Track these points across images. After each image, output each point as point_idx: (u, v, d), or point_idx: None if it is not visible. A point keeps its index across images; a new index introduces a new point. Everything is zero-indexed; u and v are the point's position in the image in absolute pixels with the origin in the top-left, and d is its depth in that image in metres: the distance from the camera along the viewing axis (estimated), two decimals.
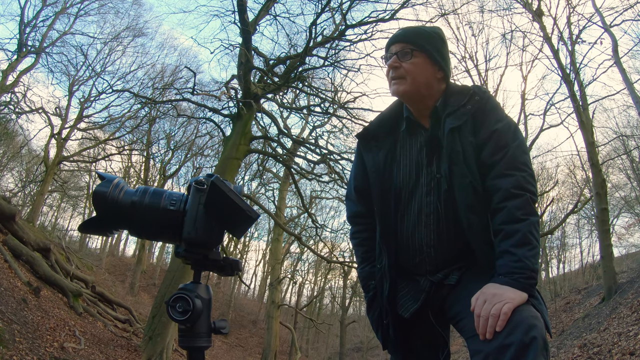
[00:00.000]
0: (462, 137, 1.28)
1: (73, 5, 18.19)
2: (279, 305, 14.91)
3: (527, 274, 1.15)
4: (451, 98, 1.35)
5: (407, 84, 1.35)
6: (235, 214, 0.83)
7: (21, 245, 8.31)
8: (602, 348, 5.90)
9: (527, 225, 1.19)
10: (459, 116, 1.30)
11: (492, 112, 1.31)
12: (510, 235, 1.19)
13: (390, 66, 1.36)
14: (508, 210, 1.21)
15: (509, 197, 1.22)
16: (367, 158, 1.44)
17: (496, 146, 1.26)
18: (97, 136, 20.19)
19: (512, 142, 1.27)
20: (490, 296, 1.11)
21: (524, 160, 1.26)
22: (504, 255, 1.19)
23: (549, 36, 11.27)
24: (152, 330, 6.94)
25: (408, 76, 1.34)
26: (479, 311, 1.11)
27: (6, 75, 15.58)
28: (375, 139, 1.44)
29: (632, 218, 21.23)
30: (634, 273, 11.34)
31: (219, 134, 14.86)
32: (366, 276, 1.46)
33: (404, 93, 1.36)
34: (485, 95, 1.34)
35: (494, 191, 1.24)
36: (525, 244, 1.17)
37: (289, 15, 10.05)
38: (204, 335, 0.85)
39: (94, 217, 0.85)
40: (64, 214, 29.39)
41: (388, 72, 1.38)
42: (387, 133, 1.44)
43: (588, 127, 10.29)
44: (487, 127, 1.29)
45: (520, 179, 1.23)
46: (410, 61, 1.34)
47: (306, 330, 27.52)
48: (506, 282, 1.14)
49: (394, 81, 1.36)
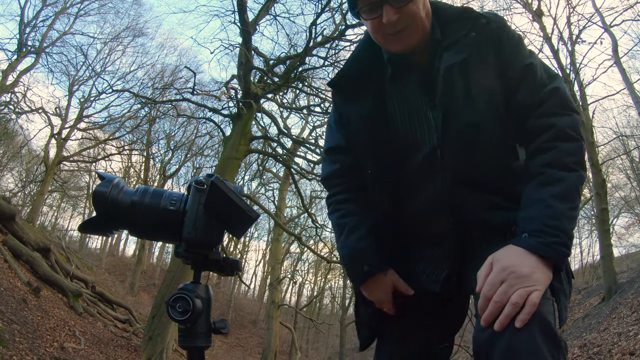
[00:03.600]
0: (466, 76, 0.99)
1: (73, 5, 18.23)
2: (279, 305, 14.91)
3: (562, 240, 0.86)
4: (448, 24, 1.04)
5: (417, 30, 1.00)
6: (235, 214, 0.83)
7: (21, 245, 8.31)
8: (602, 348, 5.90)
9: (577, 178, 0.92)
10: (460, 49, 0.99)
11: (519, 44, 1.03)
12: (551, 182, 0.91)
13: (388, 23, 0.97)
14: (558, 152, 0.94)
15: (563, 137, 0.95)
16: (351, 110, 1.13)
17: (537, 83, 1.00)
18: (97, 136, 20.21)
19: (554, 80, 1.02)
20: (511, 275, 0.82)
21: (573, 103, 1.02)
22: (535, 205, 0.90)
23: (549, 36, 11.27)
24: (152, 330, 6.94)
25: (414, 21, 0.99)
26: (491, 293, 0.83)
27: (6, 75, 15.59)
28: (356, 85, 1.11)
29: (632, 218, 21.24)
30: (634, 273, 11.34)
31: (219, 134, 14.89)
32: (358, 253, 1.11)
33: (417, 42, 1.03)
34: (502, 21, 1.03)
35: (542, 130, 0.97)
36: (569, 199, 0.90)
37: (289, 15, 10.08)
38: (204, 335, 0.85)
39: (94, 217, 0.84)
40: (64, 214, 29.43)
41: (379, 29, 1.00)
42: (371, 76, 1.11)
43: (588, 127, 10.29)
44: (518, 61, 1.01)
45: (577, 120, 0.98)
46: (412, 2, 0.98)
47: (306, 330, 27.51)
48: (534, 246, 0.85)
49: (396, 36, 1.00)
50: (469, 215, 1.03)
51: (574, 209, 0.90)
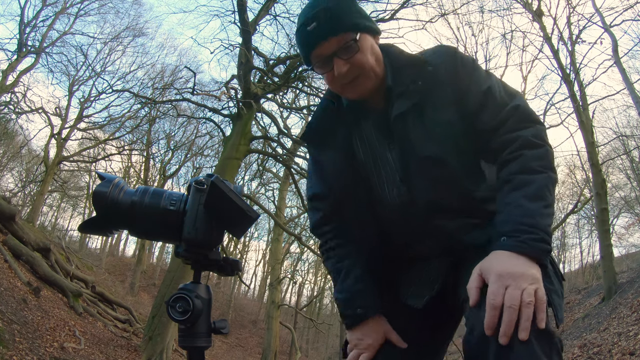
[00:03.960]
0: (420, 117, 1.05)
1: (73, 5, 18.24)
2: (279, 305, 14.91)
3: (539, 235, 0.88)
4: (399, 70, 1.09)
5: (369, 78, 1.05)
6: (235, 214, 0.83)
7: (21, 245, 8.32)
8: (602, 348, 5.90)
9: (546, 179, 0.95)
10: (410, 96, 1.05)
11: (474, 71, 1.07)
12: (521, 186, 0.94)
13: (338, 75, 1.02)
14: (524, 159, 0.97)
15: (529, 145, 0.98)
16: (323, 159, 1.19)
17: (497, 105, 1.04)
18: (97, 136, 20.22)
19: (513, 98, 1.06)
20: (511, 278, 0.82)
21: (536, 115, 1.06)
22: (508, 208, 0.93)
23: (549, 36, 11.27)
24: (152, 330, 6.94)
25: (364, 70, 1.03)
26: (499, 301, 0.80)
27: (6, 75, 15.60)
28: (324, 135, 1.18)
29: (632, 218, 21.24)
30: (634, 273, 11.34)
31: (219, 134, 14.90)
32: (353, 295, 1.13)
33: (370, 89, 1.07)
34: (451, 55, 1.08)
35: (507, 144, 1.01)
36: (541, 198, 0.92)
37: (289, 15, 10.06)
38: (204, 335, 0.85)
39: (94, 217, 0.84)
40: (64, 214, 29.45)
41: (333, 81, 1.05)
42: (336, 124, 1.17)
43: (588, 127, 10.29)
44: (476, 88, 1.05)
45: (540, 130, 1.02)
46: (359, 52, 1.02)
47: (306, 330, 27.51)
48: (515, 247, 0.87)
49: (349, 86, 1.05)
50: (453, 240, 1.07)
51: (547, 206, 0.93)
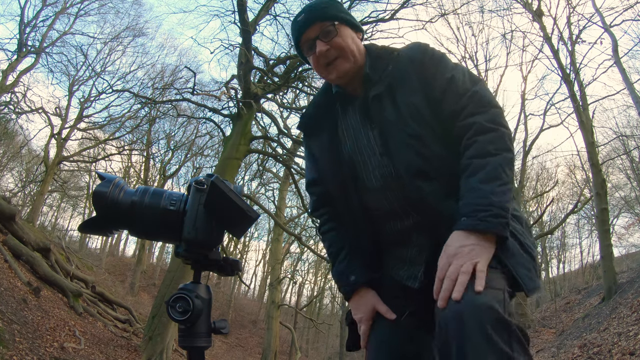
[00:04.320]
0: (392, 98, 1.17)
1: (73, 5, 18.23)
2: (279, 305, 14.91)
3: (494, 211, 0.97)
4: (375, 60, 1.25)
5: (347, 60, 1.22)
6: (235, 214, 0.83)
7: (21, 245, 8.31)
8: (602, 348, 5.90)
9: (500, 159, 1.04)
10: (383, 80, 1.20)
11: (441, 62, 1.20)
12: (477, 170, 1.03)
13: (319, 54, 1.21)
14: (478, 144, 1.07)
15: (481, 131, 1.08)
16: (314, 145, 1.34)
17: (458, 91, 1.14)
18: (97, 136, 20.21)
19: (475, 85, 1.15)
20: (456, 257, 0.95)
21: (494, 100, 1.15)
22: (467, 193, 1.03)
23: (549, 36, 11.27)
24: (152, 330, 6.94)
25: (343, 52, 1.21)
26: (442, 274, 0.95)
27: (6, 75, 15.59)
28: (315, 123, 1.34)
29: (632, 218, 21.25)
30: (634, 273, 11.34)
31: (219, 134, 14.90)
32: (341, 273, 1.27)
33: (348, 71, 1.23)
34: (420, 49, 1.22)
35: (465, 130, 1.10)
36: (495, 178, 1.02)
37: (289, 15, 10.05)
38: (204, 335, 0.85)
39: (94, 217, 0.85)
40: (64, 214, 29.45)
41: (317, 61, 1.24)
42: (326, 115, 1.33)
43: (588, 127, 10.28)
44: (440, 77, 1.16)
45: (495, 113, 1.11)
46: (337, 36, 1.22)
47: (306, 330, 27.51)
48: (470, 224, 0.98)
49: (330, 66, 1.23)
50: (429, 208, 1.12)
51: (502, 184, 1.01)
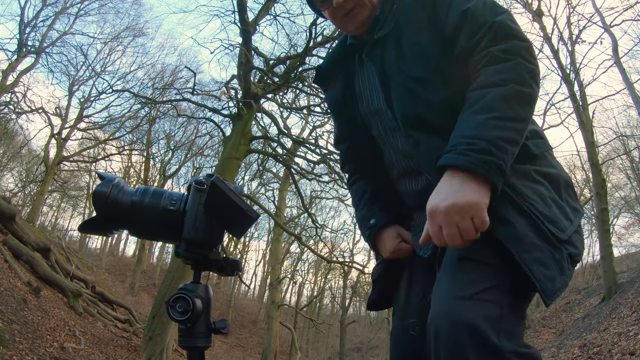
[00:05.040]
0: (398, 40, 1.07)
1: (73, 5, 18.23)
2: (279, 305, 14.91)
3: (479, 146, 0.80)
4: (386, 2, 1.14)
5: (365, 7, 1.11)
6: (235, 214, 0.83)
7: (21, 245, 8.31)
8: (602, 348, 5.90)
9: (505, 90, 0.85)
10: (389, 22, 1.09)
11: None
12: (474, 102, 0.87)
13: (337, 5, 1.09)
14: (483, 75, 0.90)
15: (493, 61, 0.90)
16: (330, 101, 1.30)
17: (475, 25, 0.96)
18: (97, 136, 20.21)
19: (496, 15, 0.96)
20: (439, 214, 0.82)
21: (519, 32, 0.95)
22: (455, 129, 0.88)
23: (549, 36, 11.27)
24: (152, 330, 6.94)
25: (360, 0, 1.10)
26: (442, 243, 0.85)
27: (6, 75, 15.59)
28: (330, 76, 1.27)
29: (632, 218, 21.24)
30: (634, 273, 11.33)
31: (219, 134, 14.91)
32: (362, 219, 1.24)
33: (367, 19, 1.12)
34: None
35: (476, 64, 0.95)
36: (491, 109, 0.84)
37: (289, 15, 10.10)
38: (204, 335, 0.85)
39: (94, 217, 0.84)
40: (64, 214, 29.44)
41: (334, 14, 1.13)
42: (340, 67, 1.25)
43: (588, 127, 10.28)
44: (454, 11, 1.00)
45: (517, 45, 0.91)
46: None
47: (306, 330, 27.51)
48: (448, 159, 0.83)
49: (348, 17, 1.12)
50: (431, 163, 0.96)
51: (499, 118, 0.83)
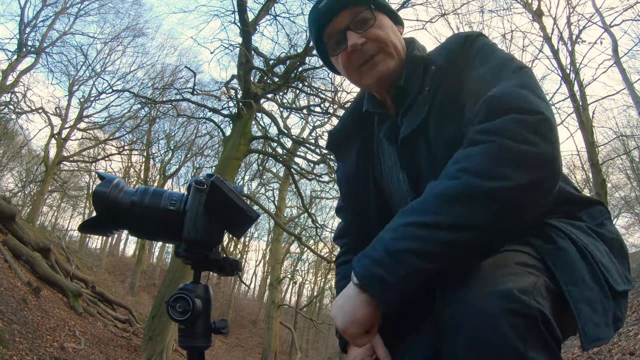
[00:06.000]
0: (427, 133, 0.87)
1: (73, 5, 18.26)
2: (279, 305, 14.91)
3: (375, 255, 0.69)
4: (412, 70, 0.92)
5: (391, 56, 0.92)
6: (235, 214, 0.83)
7: (21, 245, 8.31)
8: (602, 348, 5.90)
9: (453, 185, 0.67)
10: (418, 109, 0.88)
11: (477, 56, 0.86)
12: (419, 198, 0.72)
13: (352, 48, 0.90)
14: (449, 163, 0.73)
15: (466, 144, 0.74)
16: (341, 168, 1.09)
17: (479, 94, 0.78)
18: (97, 136, 20.23)
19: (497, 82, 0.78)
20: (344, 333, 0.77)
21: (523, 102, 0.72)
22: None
23: (549, 36, 11.27)
24: (152, 330, 6.94)
25: (384, 45, 0.91)
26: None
27: (6, 75, 15.61)
28: (344, 146, 1.08)
29: (632, 218, 21.25)
30: (634, 273, 11.34)
31: (219, 134, 14.91)
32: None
33: (393, 71, 0.93)
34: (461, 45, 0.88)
35: None
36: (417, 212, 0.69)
37: (289, 15, 10.07)
38: (204, 335, 0.85)
39: (93, 217, 0.84)
40: (64, 214, 29.48)
41: (348, 61, 0.93)
42: (354, 135, 1.06)
43: (588, 127, 10.28)
44: (471, 79, 0.84)
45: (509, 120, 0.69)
46: (376, 25, 0.91)
47: (306, 330, 27.51)
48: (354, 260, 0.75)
49: (366, 66, 0.92)
50: None
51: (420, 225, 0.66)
